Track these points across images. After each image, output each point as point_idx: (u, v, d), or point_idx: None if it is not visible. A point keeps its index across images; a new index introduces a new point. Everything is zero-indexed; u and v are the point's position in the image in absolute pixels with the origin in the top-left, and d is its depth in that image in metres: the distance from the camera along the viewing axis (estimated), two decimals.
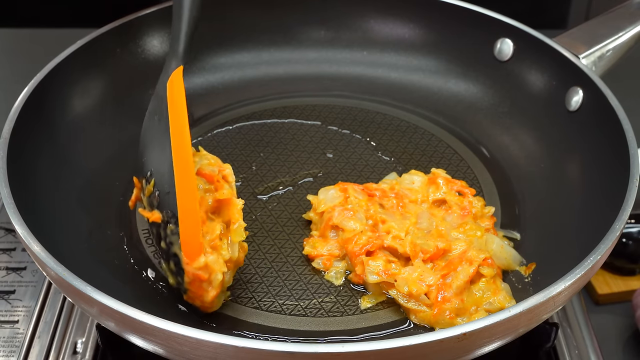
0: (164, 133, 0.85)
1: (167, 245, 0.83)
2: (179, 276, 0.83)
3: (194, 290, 0.83)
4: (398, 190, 0.98)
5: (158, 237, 0.85)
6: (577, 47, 1.06)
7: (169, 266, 0.84)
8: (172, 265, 0.83)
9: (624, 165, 0.89)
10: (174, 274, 0.84)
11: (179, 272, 0.82)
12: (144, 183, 0.87)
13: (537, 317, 0.77)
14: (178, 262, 0.82)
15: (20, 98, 0.95)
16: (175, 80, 0.90)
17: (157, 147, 0.87)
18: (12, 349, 0.95)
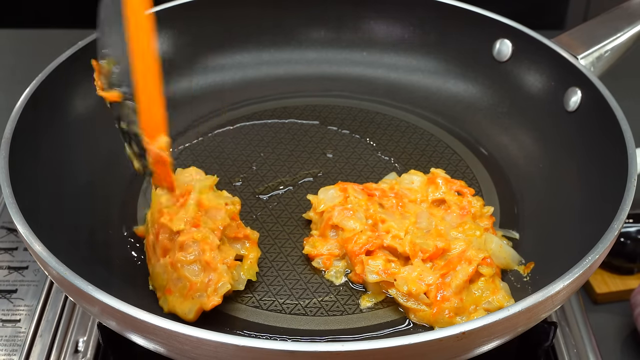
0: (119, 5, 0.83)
1: (127, 126, 0.81)
2: (142, 158, 0.81)
3: (159, 172, 0.82)
4: (397, 190, 0.98)
5: (118, 118, 0.82)
6: (575, 47, 1.06)
7: (132, 149, 0.82)
8: (135, 147, 0.81)
9: (622, 165, 0.89)
10: (137, 156, 0.82)
11: (142, 153, 0.81)
12: (104, 64, 0.83)
13: (535, 316, 0.77)
14: (140, 143, 0.80)
15: (22, 98, 0.95)
16: None
17: (114, 23, 0.84)
18: (14, 347, 0.95)
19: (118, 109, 0.81)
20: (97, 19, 0.85)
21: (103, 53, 0.83)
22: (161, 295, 0.87)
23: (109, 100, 0.82)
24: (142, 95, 0.79)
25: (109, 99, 0.82)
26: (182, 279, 0.85)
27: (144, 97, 0.79)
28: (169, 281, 0.86)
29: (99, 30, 0.85)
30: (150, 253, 0.90)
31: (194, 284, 0.84)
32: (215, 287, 0.84)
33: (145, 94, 0.79)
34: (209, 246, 0.85)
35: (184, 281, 0.84)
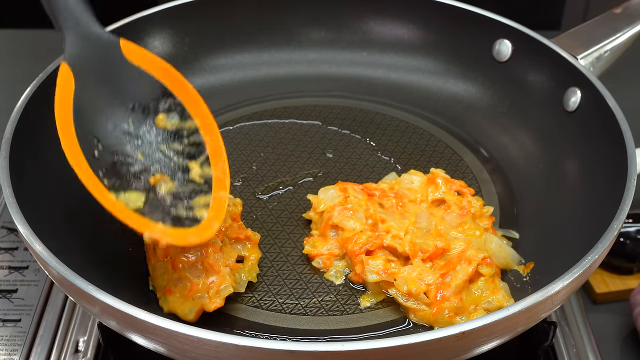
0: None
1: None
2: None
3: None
4: (397, 190, 0.98)
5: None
6: (575, 47, 1.06)
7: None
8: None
9: (622, 165, 0.89)
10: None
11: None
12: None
13: (535, 316, 0.77)
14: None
15: (22, 98, 0.95)
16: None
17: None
18: (15, 347, 0.95)
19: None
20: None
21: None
22: (161, 295, 0.87)
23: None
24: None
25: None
26: (183, 279, 0.85)
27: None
28: (169, 281, 0.86)
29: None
30: (150, 253, 0.90)
31: (195, 285, 0.84)
32: (218, 290, 0.84)
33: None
34: (211, 248, 0.85)
35: (185, 282, 0.84)
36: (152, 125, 0.90)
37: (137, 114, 0.90)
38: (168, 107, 0.91)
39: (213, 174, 0.88)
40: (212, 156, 0.89)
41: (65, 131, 0.85)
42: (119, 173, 0.86)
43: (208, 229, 0.84)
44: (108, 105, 0.89)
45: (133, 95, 0.90)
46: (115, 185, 0.85)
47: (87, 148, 0.85)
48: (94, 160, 0.85)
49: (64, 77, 0.88)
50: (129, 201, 0.84)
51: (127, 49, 0.91)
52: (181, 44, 1.18)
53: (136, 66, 0.91)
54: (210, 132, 0.90)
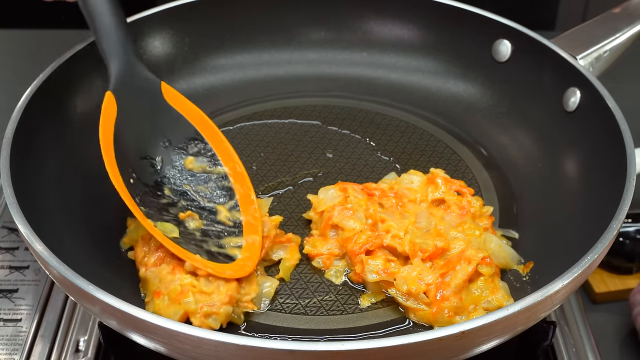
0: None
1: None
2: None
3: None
4: (397, 189, 0.98)
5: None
6: (574, 48, 1.06)
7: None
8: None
9: (621, 164, 0.90)
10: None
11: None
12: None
13: (535, 315, 0.77)
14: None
15: (23, 98, 0.95)
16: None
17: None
18: (15, 347, 0.95)
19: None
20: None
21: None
22: (150, 299, 0.86)
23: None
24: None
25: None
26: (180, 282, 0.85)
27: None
28: (160, 285, 0.85)
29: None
30: (140, 263, 0.89)
31: (185, 290, 0.84)
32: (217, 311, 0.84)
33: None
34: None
35: (177, 285, 0.84)
36: (182, 164, 0.96)
37: (168, 151, 0.96)
38: (198, 150, 0.97)
39: (243, 219, 0.92)
40: (242, 203, 0.94)
41: (108, 155, 0.89)
42: (151, 203, 0.90)
43: (244, 267, 0.88)
44: (143, 138, 0.95)
45: (167, 133, 0.97)
46: (149, 213, 0.89)
47: (124, 175, 0.90)
48: (130, 186, 0.90)
49: (108, 104, 0.93)
50: (165, 230, 0.88)
51: (166, 90, 0.98)
52: (181, 44, 1.18)
53: (173, 108, 0.98)
54: (241, 181, 0.96)
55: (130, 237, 0.94)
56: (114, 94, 0.94)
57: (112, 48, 0.97)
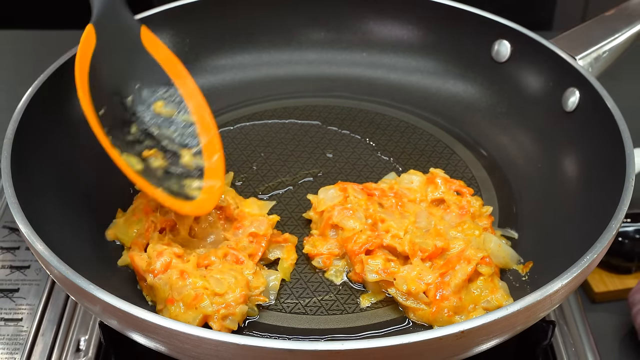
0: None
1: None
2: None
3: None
4: (397, 189, 0.98)
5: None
6: (573, 48, 1.06)
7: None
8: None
9: (621, 164, 0.90)
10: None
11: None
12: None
13: (534, 315, 0.77)
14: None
15: (24, 98, 0.95)
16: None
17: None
18: (16, 346, 0.95)
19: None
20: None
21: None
22: (162, 307, 0.86)
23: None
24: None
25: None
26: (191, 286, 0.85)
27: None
28: (172, 291, 0.85)
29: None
30: (142, 274, 0.89)
31: (200, 294, 0.84)
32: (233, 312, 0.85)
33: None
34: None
35: (190, 290, 0.84)
36: (150, 107, 0.97)
37: (139, 93, 0.97)
38: (168, 96, 0.98)
39: (205, 165, 0.94)
40: (207, 150, 0.95)
41: (81, 83, 0.92)
42: (118, 136, 0.92)
43: (201, 208, 0.91)
44: (117, 75, 0.97)
45: (140, 75, 0.98)
46: (116, 144, 0.91)
47: (96, 105, 0.92)
48: (100, 117, 0.92)
49: (87, 37, 0.96)
50: (130, 162, 0.91)
51: (145, 35, 1.00)
52: (182, 44, 1.18)
53: (149, 53, 0.99)
54: (207, 129, 0.96)
55: (116, 230, 0.95)
56: (95, 28, 0.96)
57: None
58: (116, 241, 0.95)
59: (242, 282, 0.86)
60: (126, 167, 0.90)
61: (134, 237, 0.92)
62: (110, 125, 0.92)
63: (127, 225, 0.94)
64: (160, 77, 0.99)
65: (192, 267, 0.87)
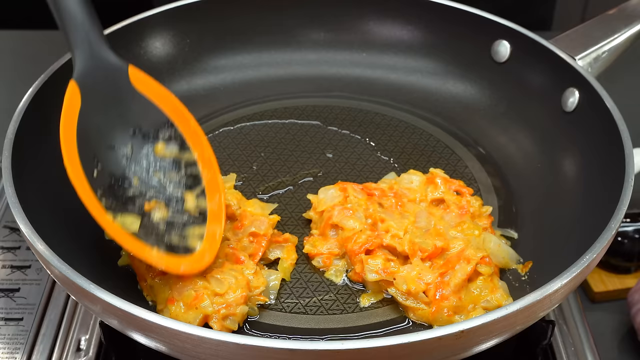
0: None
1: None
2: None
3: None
4: (397, 189, 0.99)
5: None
6: (573, 48, 1.06)
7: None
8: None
9: (620, 164, 0.90)
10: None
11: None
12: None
13: (533, 314, 0.78)
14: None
15: (25, 98, 0.96)
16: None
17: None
18: (17, 346, 0.95)
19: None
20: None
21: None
22: (163, 307, 0.86)
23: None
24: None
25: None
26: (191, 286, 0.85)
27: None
28: (172, 291, 0.85)
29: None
30: (144, 273, 0.89)
31: (200, 294, 0.84)
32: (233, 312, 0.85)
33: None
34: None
35: (190, 290, 0.84)
36: (151, 152, 0.92)
37: (138, 139, 0.92)
38: (168, 136, 0.92)
39: (208, 207, 0.89)
40: (209, 190, 0.91)
41: (68, 147, 0.86)
42: (116, 195, 0.88)
43: (201, 261, 0.86)
44: (110, 127, 0.91)
45: (135, 120, 0.92)
46: (111, 206, 0.86)
47: (87, 166, 0.87)
48: (92, 179, 0.87)
49: (71, 94, 0.90)
50: (124, 224, 0.86)
51: (134, 75, 0.93)
52: (182, 44, 1.18)
53: (141, 93, 0.93)
54: (209, 166, 0.92)
55: None
56: (78, 83, 0.91)
57: (75, 32, 0.92)
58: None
59: (243, 283, 0.86)
60: (118, 233, 0.84)
61: None
62: (106, 185, 0.88)
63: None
64: (156, 117, 0.93)
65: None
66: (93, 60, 0.92)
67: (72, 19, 0.92)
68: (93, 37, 0.92)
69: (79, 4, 0.92)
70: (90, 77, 0.92)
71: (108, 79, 0.92)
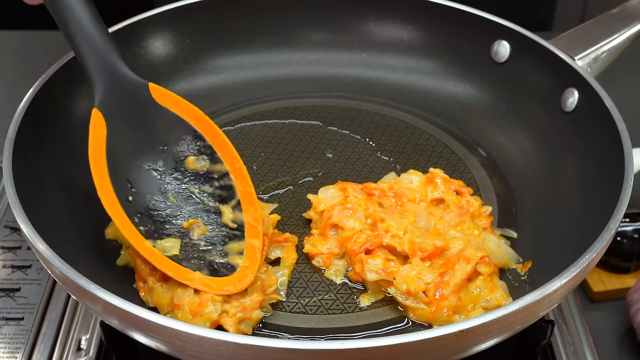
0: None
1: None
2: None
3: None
4: (397, 189, 0.99)
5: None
6: (572, 48, 1.06)
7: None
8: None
9: (619, 164, 0.90)
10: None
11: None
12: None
13: (533, 314, 0.78)
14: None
15: (25, 99, 0.96)
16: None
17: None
18: (18, 345, 0.96)
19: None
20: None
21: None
22: (169, 311, 0.85)
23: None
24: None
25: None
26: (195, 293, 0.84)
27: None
28: (174, 296, 0.84)
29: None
30: (144, 276, 0.88)
31: (204, 300, 0.83)
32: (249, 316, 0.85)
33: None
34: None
35: (194, 297, 0.83)
36: (183, 167, 0.92)
37: (167, 156, 0.92)
38: (197, 149, 0.92)
39: (245, 220, 0.90)
40: (243, 201, 0.91)
41: (100, 177, 0.85)
42: (153, 217, 0.87)
43: (243, 279, 0.85)
44: (139, 147, 0.91)
45: (163, 137, 0.92)
46: (150, 230, 0.86)
47: (121, 193, 0.86)
48: (128, 205, 0.86)
49: (95, 123, 0.88)
50: (165, 249, 0.85)
51: (155, 91, 0.92)
52: (182, 44, 1.18)
53: (165, 108, 0.92)
54: (241, 177, 0.92)
55: (115, 229, 0.93)
56: (101, 110, 0.89)
57: (93, 58, 0.90)
58: (115, 240, 0.95)
59: (257, 285, 0.86)
60: (160, 259, 0.84)
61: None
62: (142, 209, 0.87)
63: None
64: (183, 130, 0.93)
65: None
66: (113, 84, 0.90)
67: (89, 44, 0.90)
68: (111, 59, 0.91)
69: (94, 26, 0.90)
70: (113, 101, 0.90)
71: (131, 99, 0.91)
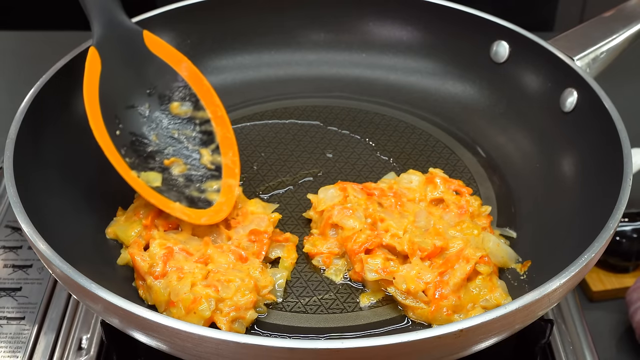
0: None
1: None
2: None
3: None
4: (396, 189, 0.99)
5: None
6: (571, 49, 1.06)
7: None
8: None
9: (618, 164, 0.90)
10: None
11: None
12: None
13: (532, 313, 0.78)
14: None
15: (26, 99, 0.96)
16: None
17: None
18: (19, 345, 0.96)
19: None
20: None
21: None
22: (166, 309, 0.85)
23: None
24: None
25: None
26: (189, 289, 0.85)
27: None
28: (171, 293, 0.85)
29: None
30: (143, 275, 0.88)
31: (198, 298, 0.84)
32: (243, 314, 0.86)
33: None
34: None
35: (189, 294, 0.84)
36: (167, 110, 0.99)
37: (154, 99, 0.99)
38: (182, 96, 0.99)
39: (223, 162, 0.96)
40: (223, 146, 0.98)
41: (92, 110, 0.92)
42: (137, 152, 0.94)
43: (220, 213, 0.92)
44: (129, 88, 0.98)
45: (151, 81, 0.99)
46: (134, 163, 0.93)
47: (110, 127, 0.93)
48: (116, 138, 0.93)
49: (91, 60, 0.95)
50: (148, 180, 0.92)
51: (149, 39, 1.00)
52: (183, 45, 1.18)
53: (156, 55, 1.00)
54: (222, 124, 0.99)
55: (116, 228, 0.95)
56: (98, 49, 0.96)
57: (97, 1, 0.98)
58: (116, 240, 0.95)
59: (250, 285, 0.86)
60: (144, 188, 0.92)
61: (133, 238, 0.92)
62: (129, 143, 0.94)
63: (127, 224, 0.94)
64: (171, 77, 1.00)
65: (193, 266, 0.87)
66: (111, 26, 0.98)
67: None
68: (112, 5, 0.99)
69: None
70: (109, 42, 0.98)
71: (125, 43, 0.99)
